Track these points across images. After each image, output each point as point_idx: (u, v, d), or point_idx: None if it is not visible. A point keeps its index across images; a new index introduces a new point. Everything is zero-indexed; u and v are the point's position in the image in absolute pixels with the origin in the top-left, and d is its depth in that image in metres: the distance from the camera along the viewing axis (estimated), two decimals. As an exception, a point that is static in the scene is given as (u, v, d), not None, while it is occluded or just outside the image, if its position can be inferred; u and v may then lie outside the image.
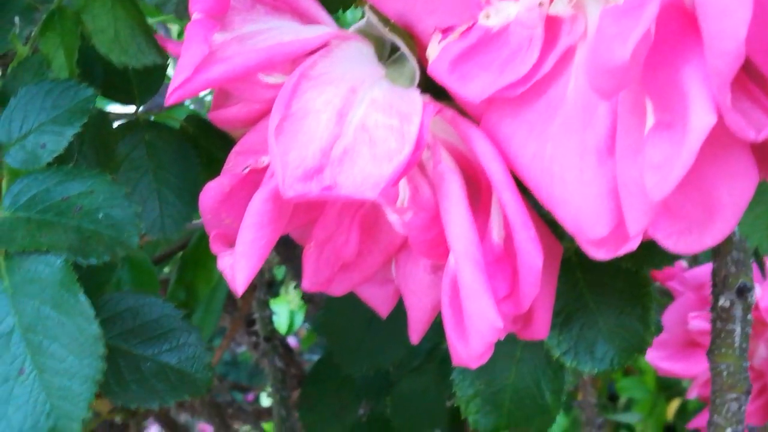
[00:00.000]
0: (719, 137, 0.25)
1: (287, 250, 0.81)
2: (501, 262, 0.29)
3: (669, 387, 1.39)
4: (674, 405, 1.30)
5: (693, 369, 0.70)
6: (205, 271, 0.61)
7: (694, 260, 0.73)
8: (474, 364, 0.29)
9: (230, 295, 0.94)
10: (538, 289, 0.28)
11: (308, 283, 0.32)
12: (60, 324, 0.27)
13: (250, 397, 1.60)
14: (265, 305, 0.80)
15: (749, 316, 0.40)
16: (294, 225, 0.32)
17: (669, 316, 0.71)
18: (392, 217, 0.31)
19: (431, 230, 0.29)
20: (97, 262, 0.27)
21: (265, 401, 1.39)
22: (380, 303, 0.35)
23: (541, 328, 0.32)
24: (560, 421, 1.37)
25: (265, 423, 0.98)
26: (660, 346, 0.71)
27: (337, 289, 0.33)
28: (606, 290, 0.36)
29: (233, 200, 0.31)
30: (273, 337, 0.80)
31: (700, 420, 0.71)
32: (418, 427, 0.48)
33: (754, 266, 0.60)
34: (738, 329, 0.40)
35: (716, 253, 0.40)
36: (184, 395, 0.33)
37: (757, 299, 0.61)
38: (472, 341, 0.28)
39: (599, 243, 0.26)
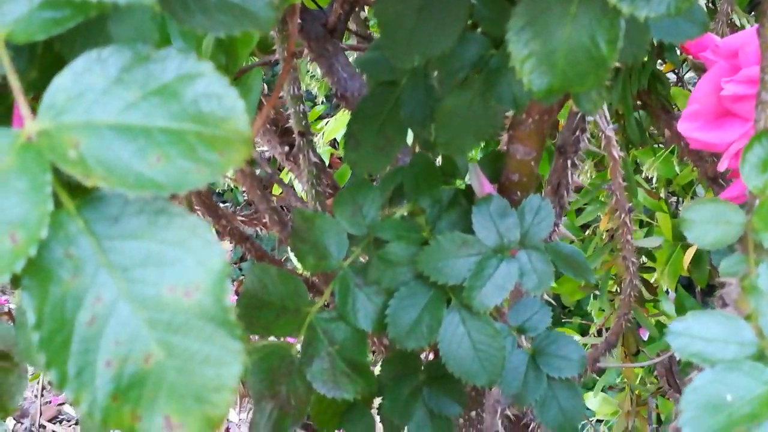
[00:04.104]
0: None
1: (318, 46, 0.81)
2: None
3: (684, 237, 1.41)
4: (690, 254, 1.31)
5: (725, 138, 0.70)
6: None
7: None
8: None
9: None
10: None
11: None
12: None
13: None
14: (298, 100, 0.80)
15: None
16: None
17: (701, 87, 0.70)
18: None
19: None
20: None
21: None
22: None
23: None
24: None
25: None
26: (692, 117, 0.71)
27: None
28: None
29: None
30: (307, 132, 0.81)
31: (731, 190, 0.72)
32: (463, 141, 0.49)
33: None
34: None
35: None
36: (248, 27, 0.34)
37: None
38: None
39: None
